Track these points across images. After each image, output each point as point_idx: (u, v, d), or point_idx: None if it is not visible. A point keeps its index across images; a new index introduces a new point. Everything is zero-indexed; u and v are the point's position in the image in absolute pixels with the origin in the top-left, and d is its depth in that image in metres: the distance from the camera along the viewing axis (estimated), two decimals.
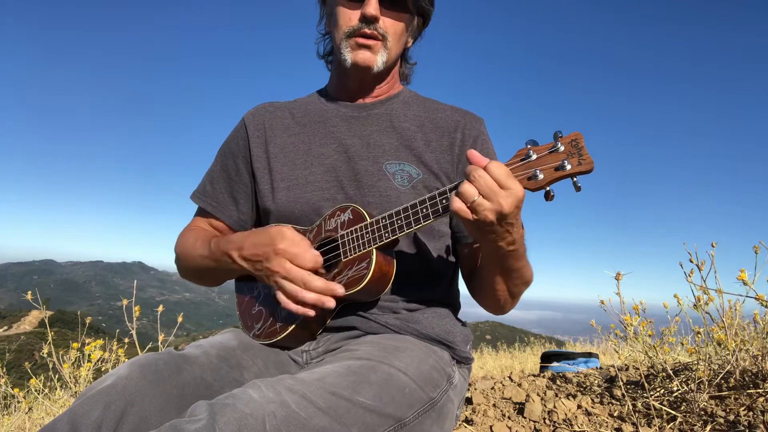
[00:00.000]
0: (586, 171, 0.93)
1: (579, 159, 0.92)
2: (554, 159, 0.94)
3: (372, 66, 1.25)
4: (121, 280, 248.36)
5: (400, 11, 1.25)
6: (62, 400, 2.97)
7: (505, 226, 0.97)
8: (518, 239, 1.04)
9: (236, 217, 1.38)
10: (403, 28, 1.28)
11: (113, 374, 0.96)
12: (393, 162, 1.25)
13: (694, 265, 1.91)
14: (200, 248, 1.29)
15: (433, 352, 1.15)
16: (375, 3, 1.20)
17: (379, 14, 1.21)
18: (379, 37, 1.23)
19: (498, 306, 1.24)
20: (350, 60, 1.24)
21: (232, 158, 1.39)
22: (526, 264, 1.14)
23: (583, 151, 0.93)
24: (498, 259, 1.08)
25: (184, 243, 1.36)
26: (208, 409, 0.80)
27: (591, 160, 0.92)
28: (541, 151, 0.96)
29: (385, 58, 1.25)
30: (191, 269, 1.35)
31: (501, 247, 1.03)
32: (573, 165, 0.92)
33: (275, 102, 1.44)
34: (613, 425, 1.77)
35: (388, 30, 1.24)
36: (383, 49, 1.25)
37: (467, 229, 1.02)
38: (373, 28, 1.22)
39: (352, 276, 1.11)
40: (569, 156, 0.93)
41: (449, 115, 1.32)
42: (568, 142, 0.94)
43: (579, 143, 0.93)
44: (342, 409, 0.88)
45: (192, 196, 1.42)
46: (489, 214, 0.93)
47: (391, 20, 1.24)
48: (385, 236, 1.08)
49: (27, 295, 2.95)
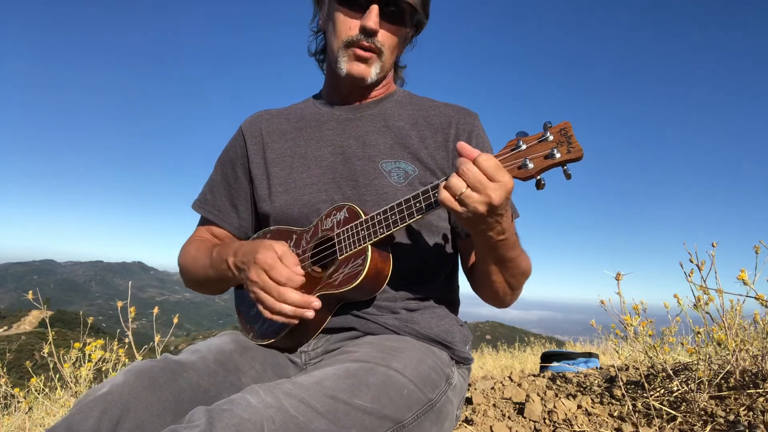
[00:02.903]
0: (575, 158, 0.93)
1: (568, 147, 0.93)
2: (544, 148, 0.95)
3: (366, 78, 1.27)
4: (121, 280, 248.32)
5: (398, 25, 1.26)
6: (62, 400, 2.97)
7: (495, 217, 0.99)
8: (508, 228, 1.05)
9: (237, 224, 1.41)
10: (398, 42, 1.29)
11: (109, 382, 0.97)
12: (389, 160, 1.26)
13: (694, 265, 1.91)
14: (202, 258, 1.31)
15: (431, 353, 1.15)
16: (376, 17, 1.20)
17: (379, 27, 1.22)
18: (376, 51, 1.25)
19: (498, 298, 1.24)
20: (345, 70, 1.26)
21: (230, 166, 1.41)
22: (520, 254, 1.16)
23: (572, 140, 0.93)
24: (490, 249, 1.10)
25: (187, 254, 1.39)
26: (206, 415, 0.80)
27: (580, 148, 0.92)
28: (530, 140, 0.96)
29: (378, 70, 1.27)
30: (195, 279, 1.38)
31: (491, 237, 1.04)
32: (562, 153, 0.93)
33: (271, 110, 1.46)
34: (613, 425, 1.77)
35: (385, 43, 1.25)
36: (378, 61, 1.26)
37: (457, 221, 1.02)
38: (371, 41, 1.23)
39: (348, 273, 1.11)
40: (559, 144, 0.94)
41: (443, 112, 1.33)
42: (557, 131, 0.94)
43: (568, 132, 0.94)
44: (340, 412, 0.88)
45: (193, 205, 1.45)
46: (479, 206, 0.94)
47: (389, 33, 1.25)
48: (380, 231, 1.08)
49: (27, 294, 2.96)
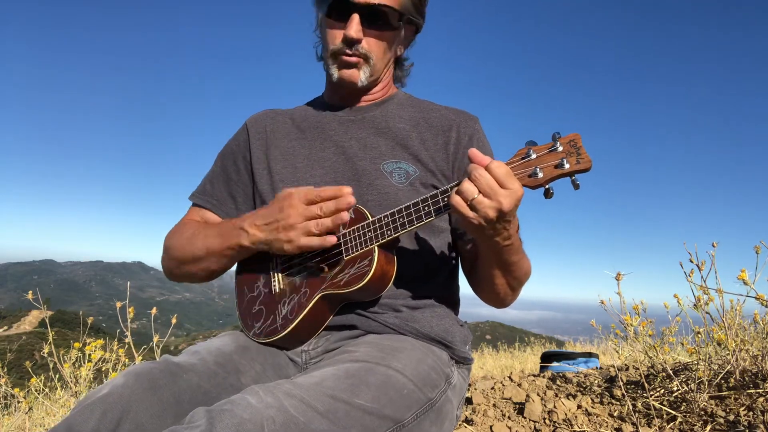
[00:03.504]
0: (584, 169, 0.96)
1: (578, 158, 0.95)
2: (553, 158, 0.97)
3: (356, 82, 1.28)
4: (121, 280, 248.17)
5: (383, 29, 1.25)
6: (62, 400, 2.97)
7: (503, 223, 1.00)
8: (514, 234, 1.07)
9: (235, 215, 1.37)
10: (387, 46, 1.28)
11: (109, 383, 0.97)
12: (390, 161, 1.27)
13: (694, 265, 1.91)
14: (204, 229, 1.29)
15: (431, 352, 1.15)
16: (357, 25, 1.20)
17: (362, 36, 1.22)
18: (363, 57, 1.25)
19: (498, 299, 1.26)
20: (336, 76, 1.28)
21: (232, 158, 1.41)
22: (523, 257, 1.17)
23: (582, 151, 0.96)
24: (495, 254, 1.11)
25: (182, 231, 1.34)
26: (207, 416, 0.80)
27: (589, 159, 0.95)
28: (540, 150, 0.98)
29: (368, 74, 1.28)
30: (185, 258, 1.31)
31: (498, 242, 1.06)
32: (572, 164, 0.95)
33: (277, 109, 1.47)
34: (613, 425, 1.77)
35: (372, 49, 1.25)
36: (366, 66, 1.27)
37: (465, 227, 1.04)
38: (355, 49, 1.23)
39: (354, 274, 1.11)
40: (568, 155, 0.96)
41: (444, 115, 1.34)
42: (566, 142, 0.97)
43: (577, 143, 0.96)
44: (341, 412, 0.89)
45: (191, 196, 1.43)
46: (489, 211, 0.96)
47: (374, 39, 1.25)
48: (387, 234, 1.09)
49: (27, 294, 2.96)
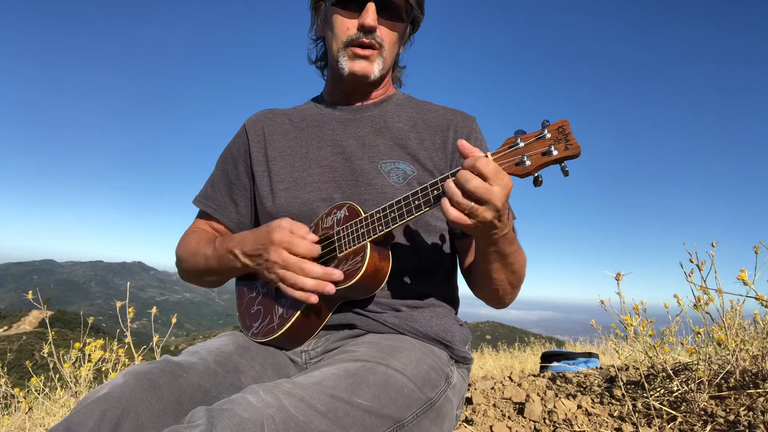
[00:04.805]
0: (572, 156, 0.94)
1: (566, 144, 0.93)
2: (541, 145, 0.95)
3: (369, 75, 1.28)
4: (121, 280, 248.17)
5: (395, 20, 1.28)
6: (62, 400, 2.97)
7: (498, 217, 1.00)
8: (507, 224, 1.06)
9: (236, 219, 1.42)
10: (398, 37, 1.31)
11: (109, 383, 0.97)
12: (388, 161, 1.28)
13: (694, 265, 1.91)
14: (204, 248, 1.31)
15: (431, 352, 1.15)
16: (373, 13, 1.22)
17: (377, 24, 1.24)
18: (377, 46, 1.26)
19: (497, 297, 1.25)
20: (348, 69, 1.27)
21: (232, 162, 1.43)
22: (518, 248, 1.17)
23: (570, 137, 0.94)
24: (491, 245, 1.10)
25: (187, 244, 1.38)
26: (207, 415, 0.80)
27: (578, 145, 0.93)
28: (528, 138, 0.97)
29: (381, 66, 1.29)
30: (194, 270, 1.37)
31: (495, 234, 1.05)
32: (560, 150, 0.93)
33: (275, 109, 1.48)
34: (613, 425, 1.77)
35: (385, 39, 1.27)
36: (379, 57, 1.28)
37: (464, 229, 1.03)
38: (371, 37, 1.24)
39: (347, 270, 1.11)
40: (556, 142, 0.94)
41: (441, 115, 1.35)
42: (555, 129, 0.95)
43: (566, 129, 0.94)
44: (341, 411, 0.89)
45: (194, 200, 1.47)
46: (487, 215, 0.96)
47: (387, 29, 1.27)
48: (379, 229, 1.09)
49: (27, 294, 2.95)
